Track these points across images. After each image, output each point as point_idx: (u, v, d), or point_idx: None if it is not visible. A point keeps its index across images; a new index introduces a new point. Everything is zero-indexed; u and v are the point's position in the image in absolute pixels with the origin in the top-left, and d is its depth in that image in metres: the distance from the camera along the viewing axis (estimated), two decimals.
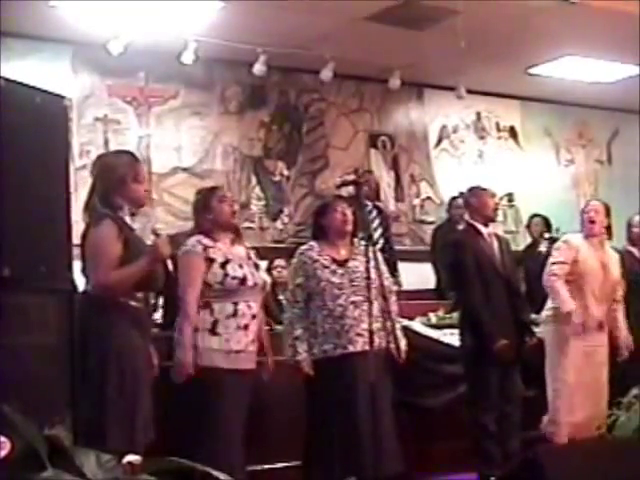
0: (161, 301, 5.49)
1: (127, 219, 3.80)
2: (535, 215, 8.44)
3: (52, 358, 3.23)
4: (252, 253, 4.47)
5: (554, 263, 5.45)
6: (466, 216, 5.48)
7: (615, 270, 5.60)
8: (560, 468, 3.21)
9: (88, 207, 3.78)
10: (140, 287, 3.77)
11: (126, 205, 3.78)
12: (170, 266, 4.43)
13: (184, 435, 3.90)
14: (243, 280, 4.22)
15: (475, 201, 5.37)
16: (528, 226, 8.52)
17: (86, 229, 3.74)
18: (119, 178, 3.75)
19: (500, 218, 9.00)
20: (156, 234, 3.86)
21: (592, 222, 5.53)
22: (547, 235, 7.80)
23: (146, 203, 3.95)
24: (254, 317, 4.25)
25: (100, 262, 3.67)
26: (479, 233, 5.28)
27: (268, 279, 4.50)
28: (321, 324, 4.50)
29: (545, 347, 5.44)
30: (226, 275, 4.20)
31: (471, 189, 5.48)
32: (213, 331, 4.15)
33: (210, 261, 4.21)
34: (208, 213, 4.28)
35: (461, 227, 5.89)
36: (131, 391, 3.62)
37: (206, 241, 4.25)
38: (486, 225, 5.31)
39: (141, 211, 4.10)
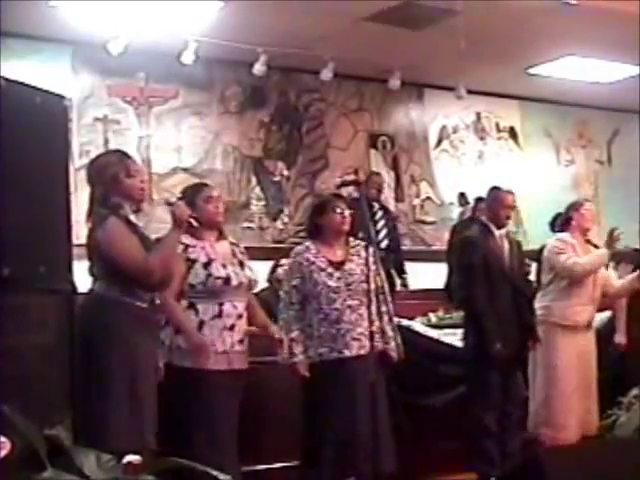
0: None
1: (131, 217, 3.79)
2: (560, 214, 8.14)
3: (52, 358, 3.23)
4: (238, 250, 4.40)
5: (568, 259, 5.41)
6: (483, 216, 5.49)
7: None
8: (560, 468, 3.22)
9: (91, 214, 3.77)
10: (164, 280, 3.77)
11: (125, 203, 3.76)
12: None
13: (177, 436, 3.89)
14: (227, 280, 4.16)
15: (491, 202, 5.38)
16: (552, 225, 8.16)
17: (91, 232, 3.72)
18: (112, 177, 3.73)
19: None
20: (169, 203, 3.90)
21: (589, 222, 5.54)
22: None
23: (145, 198, 3.93)
24: (240, 317, 4.21)
25: (130, 253, 3.65)
26: (491, 234, 5.28)
27: (253, 277, 4.43)
28: (317, 327, 4.47)
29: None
30: (209, 275, 4.13)
31: (492, 189, 5.48)
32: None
33: (191, 262, 4.16)
34: (192, 211, 4.17)
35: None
36: (137, 391, 3.62)
37: (187, 240, 4.18)
38: (499, 227, 5.31)
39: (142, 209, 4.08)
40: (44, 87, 3.36)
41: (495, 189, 5.46)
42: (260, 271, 5.60)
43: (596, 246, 5.62)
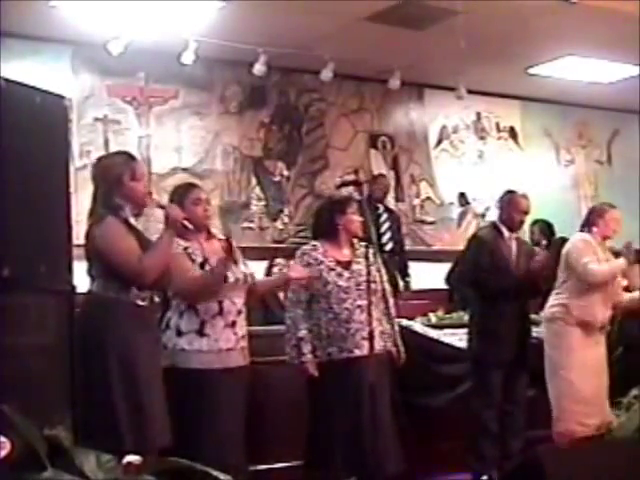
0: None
1: (131, 220, 3.79)
2: (537, 221, 7.81)
3: (52, 358, 3.24)
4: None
5: (588, 262, 5.33)
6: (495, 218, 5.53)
7: None
8: (560, 468, 3.21)
9: (92, 212, 3.77)
10: (160, 281, 3.77)
11: (127, 205, 3.76)
12: None
13: (182, 436, 3.89)
14: (224, 278, 4.17)
15: (505, 205, 5.41)
16: (532, 232, 7.73)
17: (89, 231, 3.72)
18: (116, 178, 3.74)
19: None
20: (161, 206, 3.87)
21: (611, 231, 5.54)
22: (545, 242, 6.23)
23: (147, 203, 3.92)
24: (240, 313, 4.22)
25: (125, 253, 3.66)
26: (501, 235, 5.31)
27: (249, 271, 4.42)
28: (326, 327, 4.47)
29: (545, 346, 5.42)
30: None
31: (507, 192, 5.50)
32: (201, 332, 4.11)
33: (191, 261, 4.16)
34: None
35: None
36: (137, 391, 3.61)
37: (182, 242, 4.18)
38: (511, 230, 5.34)
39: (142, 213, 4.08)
40: (44, 87, 3.36)
41: (510, 192, 5.48)
42: (260, 271, 5.61)
43: (616, 254, 5.61)
